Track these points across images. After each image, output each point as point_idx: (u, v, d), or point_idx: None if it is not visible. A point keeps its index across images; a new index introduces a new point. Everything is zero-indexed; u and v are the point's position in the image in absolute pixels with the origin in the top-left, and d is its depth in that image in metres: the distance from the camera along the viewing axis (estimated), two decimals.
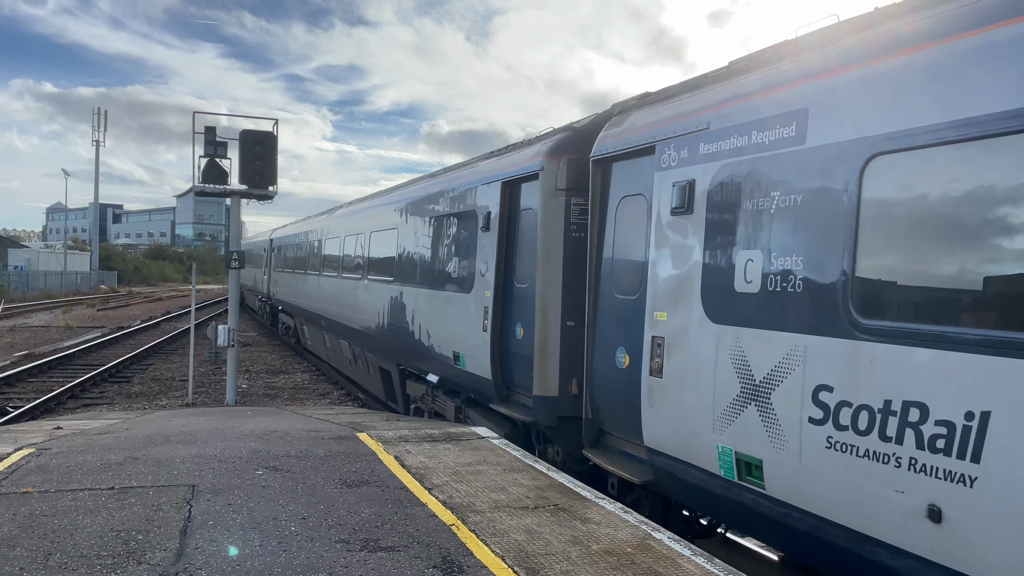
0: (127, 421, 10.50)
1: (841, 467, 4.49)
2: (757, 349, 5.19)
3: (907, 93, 4.38)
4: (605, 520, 5.58)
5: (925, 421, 4.03)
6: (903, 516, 4.14)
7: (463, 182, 10.92)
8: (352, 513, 5.61)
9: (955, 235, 4.05)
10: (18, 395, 16.94)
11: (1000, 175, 3.83)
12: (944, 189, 4.09)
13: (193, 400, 16.19)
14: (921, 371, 4.10)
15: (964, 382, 3.86)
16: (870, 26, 4.91)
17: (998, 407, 3.71)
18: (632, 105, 7.53)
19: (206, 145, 14.36)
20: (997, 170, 3.85)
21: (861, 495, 4.39)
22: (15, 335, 29.47)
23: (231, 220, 16.17)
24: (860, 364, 4.42)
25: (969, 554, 3.83)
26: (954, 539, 3.88)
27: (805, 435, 4.76)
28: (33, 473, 6.59)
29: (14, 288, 52.92)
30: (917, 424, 4.07)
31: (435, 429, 8.95)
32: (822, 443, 4.62)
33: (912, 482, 4.07)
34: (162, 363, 22.75)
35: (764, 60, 5.81)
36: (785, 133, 5.17)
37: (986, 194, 3.90)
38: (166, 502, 5.79)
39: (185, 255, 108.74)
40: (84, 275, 71.13)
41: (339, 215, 20.42)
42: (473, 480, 6.56)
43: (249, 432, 8.69)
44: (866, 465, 4.33)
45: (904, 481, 4.12)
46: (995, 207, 3.84)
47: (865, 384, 4.39)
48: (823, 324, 4.71)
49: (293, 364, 24.01)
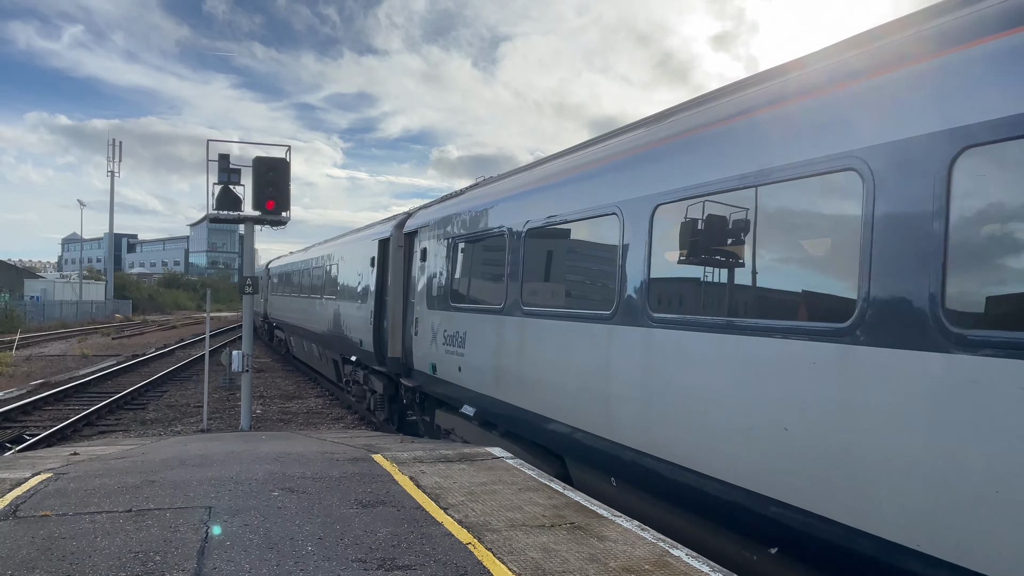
0: (143, 446, 10.54)
1: (450, 358, 11.22)
2: (435, 318, 12.01)
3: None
4: (622, 537, 5.54)
5: (458, 338, 10.98)
6: (456, 370, 10.93)
7: (360, 240, 18.70)
8: (368, 533, 5.60)
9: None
10: (35, 423, 17.05)
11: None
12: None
13: (208, 426, 16.23)
14: (451, 319, 11.25)
15: (459, 321, 11.02)
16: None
17: (470, 329, 10.52)
18: (416, 210, 14.94)
19: (220, 172, 14.54)
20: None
21: (451, 367, 11.15)
22: (32, 364, 29.70)
23: (245, 246, 16.31)
24: (451, 318, 11.31)
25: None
26: (465, 377, 10.70)
27: (440, 349, 11.67)
28: (51, 497, 6.62)
29: (30, 318, 53.42)
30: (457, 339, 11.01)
31: (449, 450, 8.94)
32: (445, 350, 11.44)
33: (458, 359, 10.90)
34: (177, 390, 22.85)
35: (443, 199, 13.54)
36: (443, 231, 12.10)
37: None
38: (183, 524, 5.80)
39: (199, 283, 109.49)
40: (99, 304, 71.72)
41: (305, 253, 29.77)
42: (488, 499, 6.55)
43: (264, 455, 8.71)
44: (451, 356, 11.14)
45: (459, 360, 10.81)
46: None
47: (451, 324, 11.31)
48: (444, 306, 11.62)
49: (306, 389, 24.06)
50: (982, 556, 3.73)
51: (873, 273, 4.46)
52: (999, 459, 3.71)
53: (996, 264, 3.96)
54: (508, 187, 10.23)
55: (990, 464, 3.75)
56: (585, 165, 8.12)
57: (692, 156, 6.22)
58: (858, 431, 4.49)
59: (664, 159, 6.64)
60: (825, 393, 4.71)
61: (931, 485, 4.02)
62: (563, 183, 8.45)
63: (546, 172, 9.17)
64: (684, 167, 6.28)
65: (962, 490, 3.86)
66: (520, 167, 10.97)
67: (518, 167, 11.13)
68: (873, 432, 4.40)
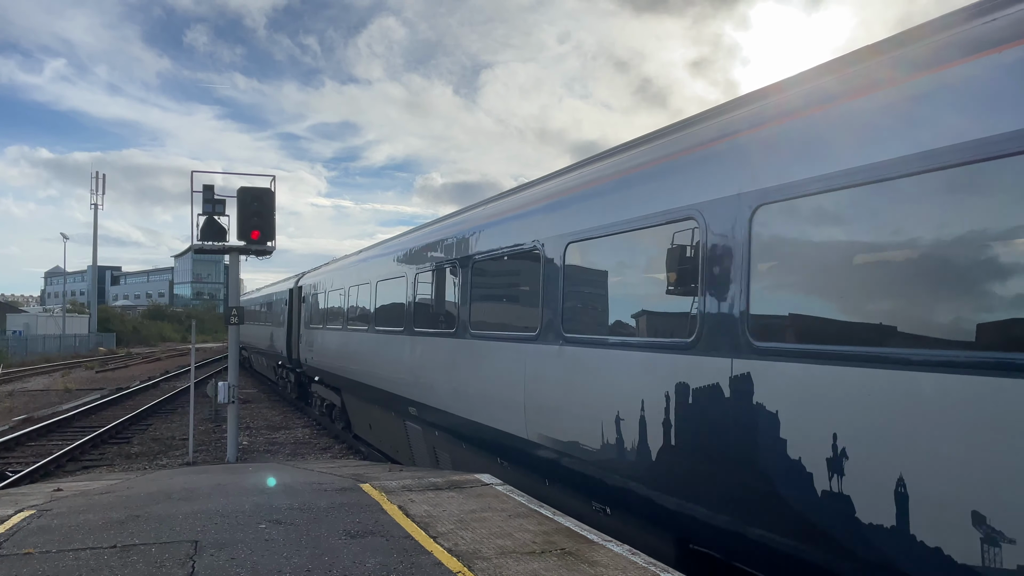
0: (127, 481, 10.41)
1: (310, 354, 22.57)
2: (307, 333, 23.14)
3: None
4: (613, 562, 5.52)
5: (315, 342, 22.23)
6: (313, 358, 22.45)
7: (282, 287, 29.86)
8: (357, 563, 5.55)
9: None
10: (17, 459, 16.80)
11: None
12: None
13: (194, 458, 16.06)
14: (313, 332, 22.40)
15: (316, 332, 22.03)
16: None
17: (320, 337, 21.48)
18: (308, 272, 26.06)
19: (204, 203, 14.53)
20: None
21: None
22: (14, 399, 29.32)
23: (230, 276, 16.27)
24: (313, 331, 22.46)
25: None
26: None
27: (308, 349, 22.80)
28: (34, 534, 6.52)
29: (13, 353, 52.85)
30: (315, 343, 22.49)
31: (439, 478, 8.89)
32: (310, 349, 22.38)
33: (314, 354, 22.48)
34: (162, 423, 22.62)
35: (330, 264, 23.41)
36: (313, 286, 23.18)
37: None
38: (169, 559, 5.73)
39: (184, 314, 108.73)
40: (83, 338, 71.04)
41: (257, 293, 42.66)
42: (478, 527, 6.51)
43: (251, 487, 8.62)
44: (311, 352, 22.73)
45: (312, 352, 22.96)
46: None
47: (312, 334, 22.40)
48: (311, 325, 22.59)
49: (293, 419, 23.88)
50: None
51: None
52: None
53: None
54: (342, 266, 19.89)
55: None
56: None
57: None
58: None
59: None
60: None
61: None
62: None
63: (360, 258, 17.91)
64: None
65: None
66: (358, 251, 20.11)
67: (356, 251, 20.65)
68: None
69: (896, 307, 4.27)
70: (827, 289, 4.76)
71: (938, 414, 3.86)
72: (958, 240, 3.93)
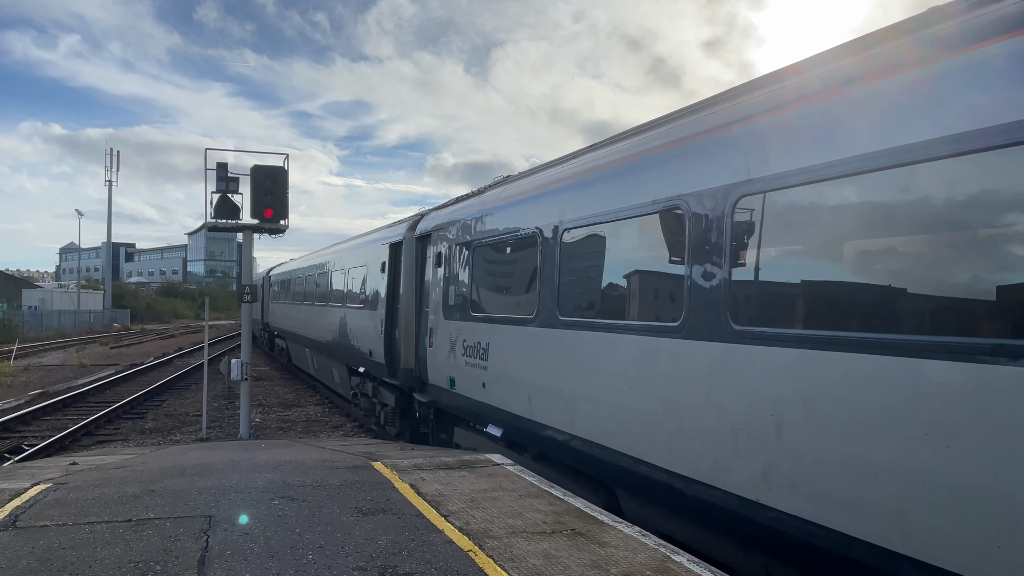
0: (142, 456, 10.52)
1: (471, 371, 10.34)
2: (453, 328, 11.13)
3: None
4: (623, 544, 5.54)
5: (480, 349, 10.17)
6: (478, 384, 9.99)
7: (371, 240, 17.93)
8: (369, 540, 5.59)
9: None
10: (33, 433, 17.01)
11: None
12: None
13: (207, 435, 16.20)
14: (476, 328, 10.29)
15: (480, 331, 10.16)
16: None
17: (492, 339, 9.72)
18: (429, 211, 14.07)
19: (218, 181, 14.53)
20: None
21: (474, 381, 10.19)
22: (30, 374, 29.65)
23: (243, 255, 16.30)
24: (473, 328, 10.38)
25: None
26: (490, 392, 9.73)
27: (461, 363, 10.75)
28: (50, 507, 6.60)
29: (28, 328, 53.31)
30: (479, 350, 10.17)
31: (450, 457, 8.93)
32: (464, 363, 10.60)
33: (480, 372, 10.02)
34: (175, 399, 22.81)
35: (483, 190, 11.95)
36: (461, 235, 11.31)
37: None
38: (183, 533, 5.79)
39: (197, 292, 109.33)
40: (97, 314, 71.60)
41: (311, 258, 27.83)
42: (489, 506, 6.54)
43: (264, 463, 8.69)
44: (472, 368, 10.28)
45: (480, 372, 10.02)
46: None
47: (473, 334, 10.41)
48: (465, 316, 10.80)
49: (305, 397, 24.02)
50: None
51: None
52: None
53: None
54: (538, 183, 9.28)
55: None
56: (626, 158, 7.42)
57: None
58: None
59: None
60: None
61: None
62: (602, 178, 7.69)
63: (582, 167, 8.31)
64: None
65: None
66: (547, 163, 9.99)
67: (544, 163, 10.09)
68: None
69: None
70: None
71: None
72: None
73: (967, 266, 4.06)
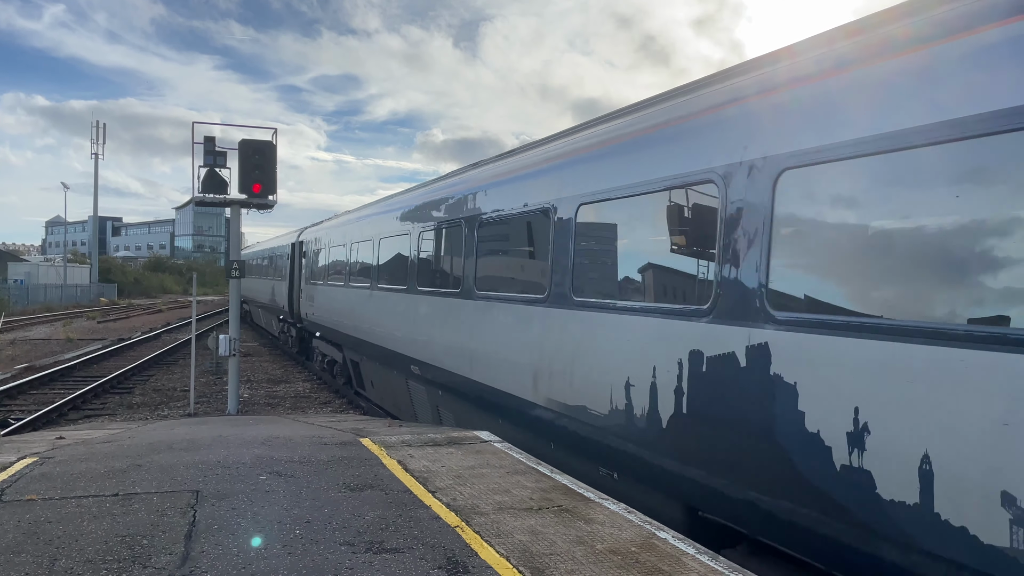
0: (129, 430, 10.50)
1: (312, 308, 23.13)
2: (323, 290, 20.71)
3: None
4: (609, 520, 5.58)
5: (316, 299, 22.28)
6: (314, 311, 22.63)
7: (285, 241, 29.90)
8: (356, 516, 5.62)
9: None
10: (20, 407, 16.94)
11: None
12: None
13: (195, 410, 16.18)
14: (315, 288, 22.32)
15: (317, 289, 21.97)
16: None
17: (318, 292, 21.74)
18: (308, 227, 25.27)
19: (205, 155, 14.39)
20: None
21: (314, 312, 22.82)
22: (16, 348, 29.48)
23: (231, 230, 16.20)
24: (315, 287, 22.38)
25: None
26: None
27: (309, 306, 23.29)
28: (37, 481, 6.59)
29: (14, 302, 52.93)
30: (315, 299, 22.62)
31: (438, 434, 8.96)
32: (311, 305, 23.37)
33: (312, 306, 22.90)
34: (163, 374, 22.76)
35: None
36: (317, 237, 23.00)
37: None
38: (170, 507, 5.79)
39: (185, 267, 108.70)
40: (84, 288, 71.13)
41: (260, 247, 42.27)
42: (477, 483, 6.57)
43: (252, 439, 8.70)
44: (312, 307, 23.33)
45: (313, 306, 23.17)
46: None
47: (314, 291, 22.70)
48: (312, 281, 23.08)
49: (294, 373, 24.02)
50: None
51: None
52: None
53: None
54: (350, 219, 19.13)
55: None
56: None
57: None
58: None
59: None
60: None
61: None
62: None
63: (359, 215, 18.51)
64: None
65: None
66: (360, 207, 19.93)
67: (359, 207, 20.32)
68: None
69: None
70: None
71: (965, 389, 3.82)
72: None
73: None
